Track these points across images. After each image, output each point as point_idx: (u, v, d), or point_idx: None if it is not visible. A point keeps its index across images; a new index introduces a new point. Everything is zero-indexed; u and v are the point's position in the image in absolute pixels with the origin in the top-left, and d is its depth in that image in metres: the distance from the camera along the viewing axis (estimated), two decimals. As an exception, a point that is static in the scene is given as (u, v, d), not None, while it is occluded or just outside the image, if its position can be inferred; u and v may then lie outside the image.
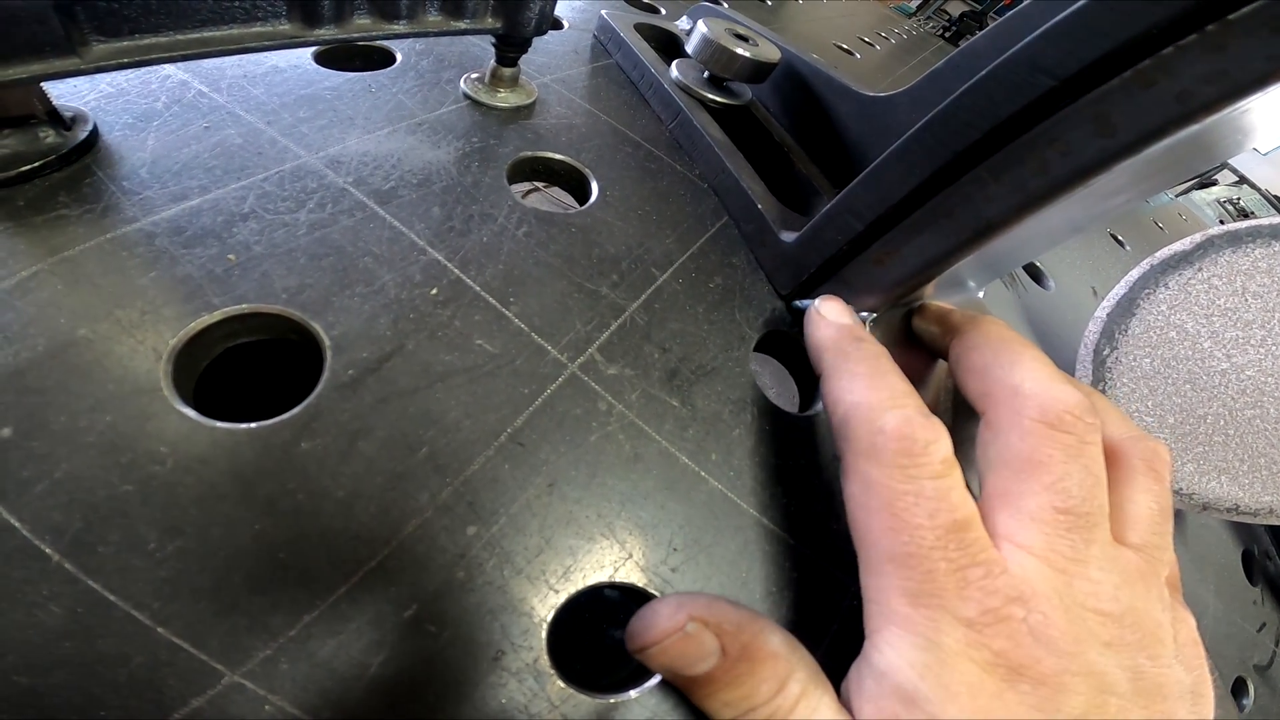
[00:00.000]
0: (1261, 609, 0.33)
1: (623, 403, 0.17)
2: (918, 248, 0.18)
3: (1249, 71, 0.12)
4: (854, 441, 0.15)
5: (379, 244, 0.17)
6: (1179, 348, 0.26)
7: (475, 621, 0.13)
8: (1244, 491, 0.27)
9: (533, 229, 0.20)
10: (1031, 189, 0.16)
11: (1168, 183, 0.19)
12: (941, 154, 0.17)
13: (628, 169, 0.24)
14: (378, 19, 0.18)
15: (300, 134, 0.19)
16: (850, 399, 0.16)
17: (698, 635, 0.13)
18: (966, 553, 0.13)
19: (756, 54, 0.26)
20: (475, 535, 0.14)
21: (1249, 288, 0.26)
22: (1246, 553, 0.33)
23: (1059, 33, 0.14)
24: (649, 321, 0.19)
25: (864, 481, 0.14)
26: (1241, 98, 0.12)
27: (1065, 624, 0.13)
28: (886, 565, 0.14)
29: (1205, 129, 0.14)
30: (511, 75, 0.23)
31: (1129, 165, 0.15)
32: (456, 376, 0.16)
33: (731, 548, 0.17)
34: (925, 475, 0.14)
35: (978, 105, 0.16)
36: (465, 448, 0.15)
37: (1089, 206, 0.18)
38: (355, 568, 0.13)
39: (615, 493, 0.16)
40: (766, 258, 0.22)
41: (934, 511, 0.13)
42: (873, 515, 0.14)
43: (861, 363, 0.17)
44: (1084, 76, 0.14)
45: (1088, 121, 0.14)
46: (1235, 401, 0.26)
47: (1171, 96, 0.13)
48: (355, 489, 0.14)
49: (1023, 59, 0.15)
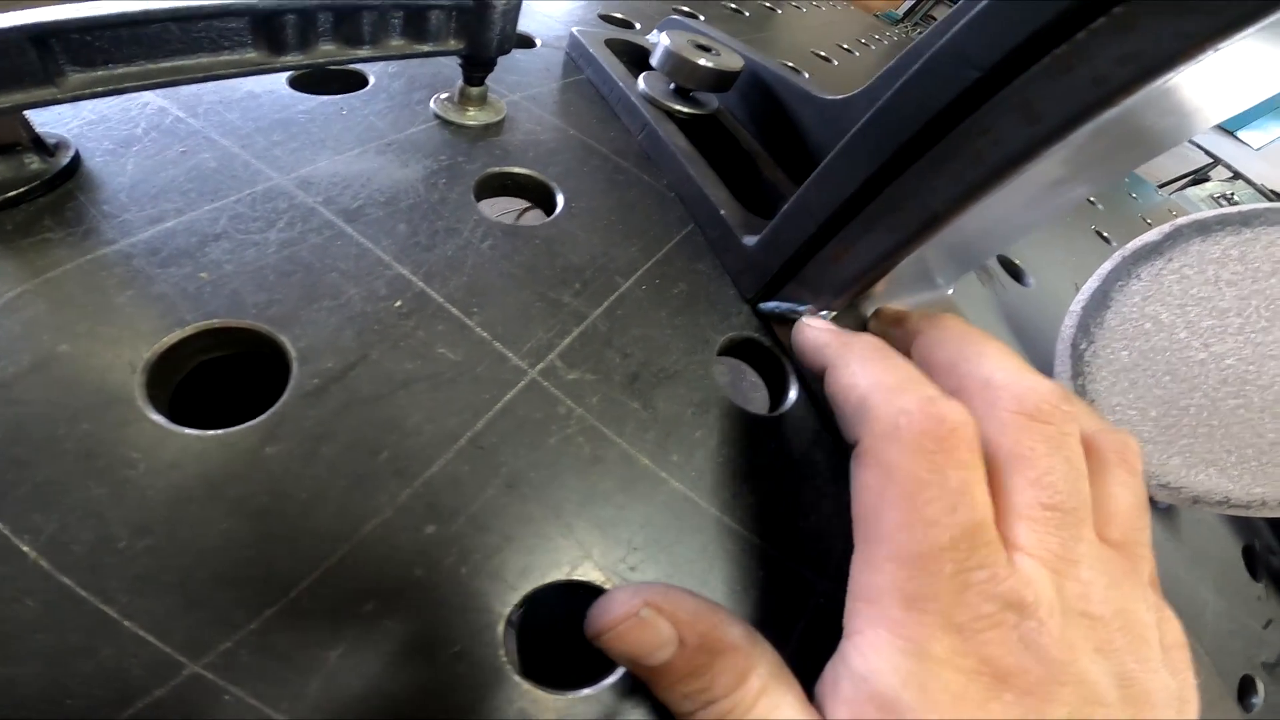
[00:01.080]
0: (1267, 604, 0.33)
1: (583, 406, 0.18)
2: (870, 243, 0.19)
3: (1160, 50, 0.12)
4: (875, 423, 0.14)
5: (346, 260, 0.18)
6: (1155, 339, 0.27)
7: (434, 617, 0.14)
8: (1234, 484, 0.28)
9: (497, 242, 0.21)
10: (969, 179, 0.16)
11: (1117, 171, 0.20)
12: (884, 149, 0.18)
13: (594, 181, 0.25)
14: (342, 45, 0.20)
15: (273, 157, 0.20)
16: (868, 380, 0.15)
17: (652, 621, 0.13)
18: (976, 555, 0.13)
19: (719, 63, 0.27)
20: (434, 534, 0.15)
21: (1222, 276, 0.26)
22: (1248, 547, 0.33)
23: (980, 23, 0.15)
24: (611, 328, 0.20)
25: (884, 468, 0.14)
26: (1156, 77, 0.13)
27: (1058, 631, 0.13)
28: (888, 564, 0.13)
29: (1136, 113, 0.14)
30: (479, 94, 0.25)
31: (1067, 153, 0.15)
32: (418, 384, 0.17)
33: (693, 546, 0.17)
34: (951, 465, 0.13)
35: (913, 99, 0.17)
36: (425, 451, 0.16)
37: (1039, 197, 0.19)
38: (315, 565, 0.14)
39: (574, 493, 0.17)
40: (731, 262, 0.24)
41: (955, 507, 0.13)
42: (888, 507, 0.13)
43: (871, 349, 0.17)
44: (1006, 65, 0.14)
45: (1014, 110, 0.15)
46: (1217, 391, 0.27)
47: (1088, 80, 0.13)
48: (317, 490, 0.15)
49: (950, 51, 0.16)
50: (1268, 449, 0.27)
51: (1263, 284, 0.26)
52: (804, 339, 0.19)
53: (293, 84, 0.24)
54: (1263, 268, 0.26)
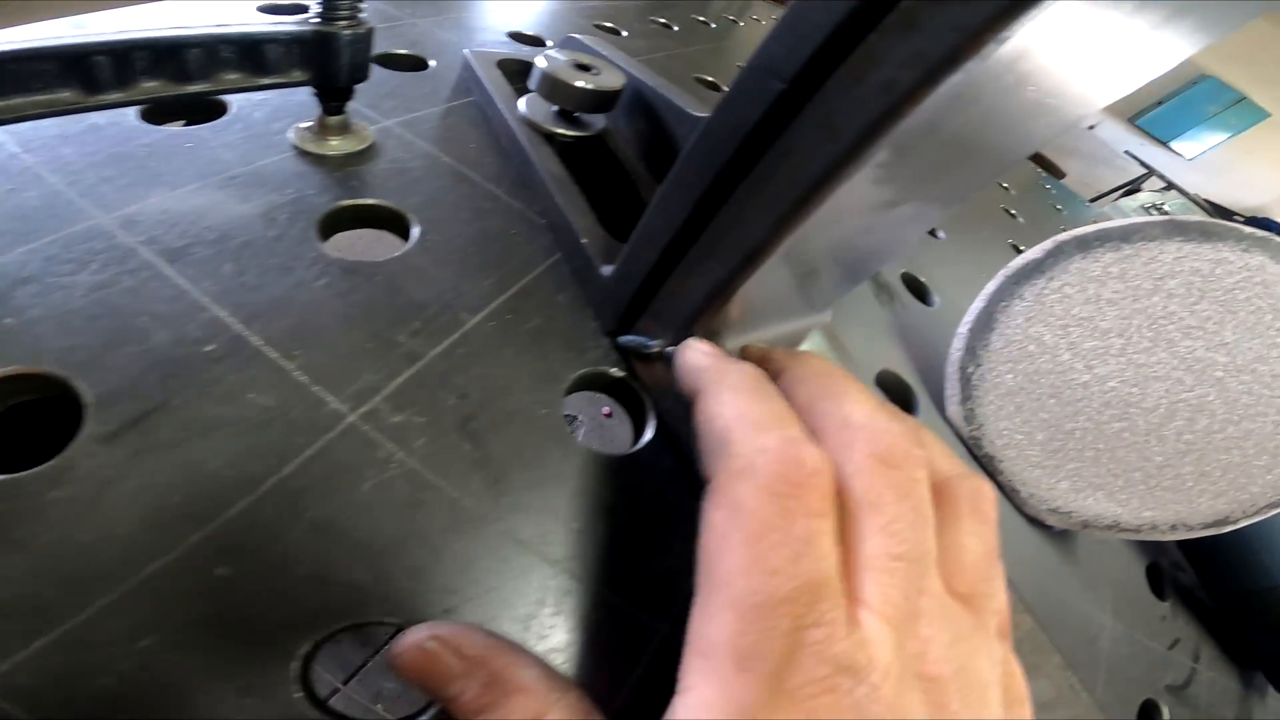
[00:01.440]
0: (1173, 624, 0.33)
1: (405, 450, 0.18)
2: (705, 275, 0.19)
3: (939, 45, 0.12)
4: (732, 459, 0.14)
5: (159, 303, 0.18)
6: (1039, 361, 0.27)
7: (220, 655, 0.14)
8: (1122, 507, 0.28)
9: (333, 280, 0.21)
10: (781, 206, 0.16)
11: (958, 189, 0.20)
12: (707, 173, 0.17)
13: (458, 210, 0.25)
14: (167, 81, 0.20)
15: (100, 194, 0.20)
16: (733, 412, 0.15)
17: (436, 653, 0.14)
18: (814, 610, 0.12)
19: (597, 83, 0.27)
20: (225, 575, 0.15)
21: (1103, 295, 0.26)
22: (1153, 566, 0.34)
23: (783, 30, 0.14)
24: (448, 367, 0.20)
25: (733, 507, 0.13)
26: (939, 79, 0.12)
27: (891, 696, 0.12)
28: (725, 613, 0.13)
29: (948, 123, 0.14)
30: (340, 123, 0.25)
31: (880, 172, 0.15)
32: (221, 430, 0.17)
33: (521, 590, 0.17)
34: (801, 511, 0.13)
35: (730, 117, 0.16)
36: (223, 495, 0.16)
37: (877, 221, 0.19)
38: (91, 601, 0.14)
39: (387, 537, 0.17)
40: (592, 293, 0.23)
41: (798, 556, 0.13)
42: (729, 549, 0.13)
43: (744, 379, 0.16)
44: (808, 75, 0.14)
45: (817, 126, 0.14)
46: (1101, 415, 0.27)
47: (878, 87, 0.13)
48: (102, 533, 0.15)
49: (758, 63, 0.15)
50: (1155, 472, 0.27)
51: (1144, 303, 0.26)
52: (683, 361, 0.18)
53: (145, 115, 0.24)
54: (1143, 285, 0.26)
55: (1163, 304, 0.25)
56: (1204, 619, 0.34)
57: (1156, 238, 0.26)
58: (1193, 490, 0.27)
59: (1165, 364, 0.25)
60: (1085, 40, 0.13)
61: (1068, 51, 0.14)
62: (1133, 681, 0.30)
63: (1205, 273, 0.24)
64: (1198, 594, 0.35)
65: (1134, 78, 0.16)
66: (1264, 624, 0.32)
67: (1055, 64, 0.14)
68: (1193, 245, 0.24)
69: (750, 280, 0.18)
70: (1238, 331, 0.25)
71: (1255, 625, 0.32)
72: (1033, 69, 0.14)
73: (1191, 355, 0.25)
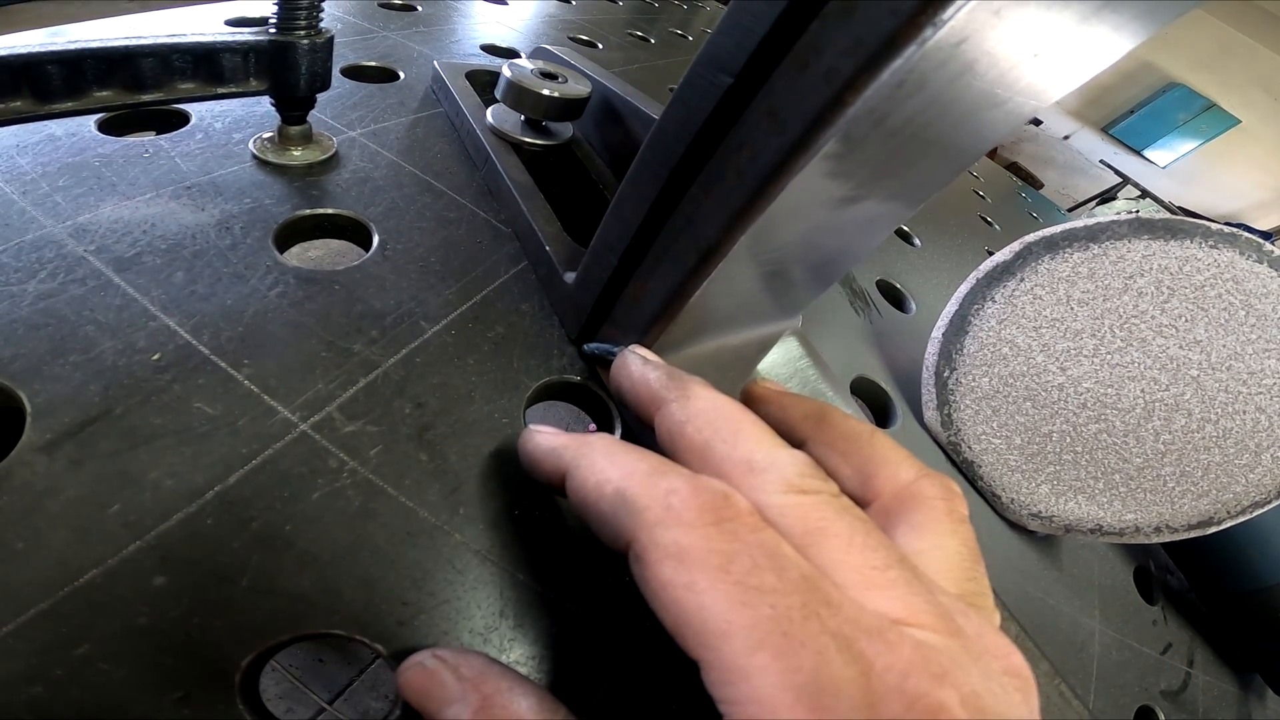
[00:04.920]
0: (1165, 629, 0.33)
1: (357, 459, 0.18)
2: (661, 278, 0.19)
3: (877, 31, 0.12)
4: (644, 513, 0.13)
5: (105, 312, 0.18)
6: (1014, 364, 0.27)
7: (158, 664, 0.14)
8: (1104, 510, 0.28)
9: (289, 289, 0.21)
10: (733, 203, 0.16)
11: (920, 185, 0.20)
12: (661, 173, 0.17)
13: (421, 220, 0.25)
14: (120, 91, 0.20)
15: (53, 203, 0.20)
16: (618, 472, 0.14)
17: (435, 672, 0.14)
18: (841, 614, 0.11)
19: (563, 91, 0.27)
20: (163, 585, 0.15)
21: (1073, 295, 0.26)
22: (1141, 569, 0.33)
23: (728, 24, 0.14)
24: (405, 377, 0.20)
25: (675, 555, 0.12)
26: (880, 66, 0.12)
27: (989, 698, 0.11)
28: (757, 656, 0.11)
29: (899, 114, 0.14)
30: (301, 133, 0.25)
31: (831, 165, 0.15)
32: (164, 439, 0.17)
33: (479, 602, 0.17)
34: (746, 529, 0.12)
35: (678, 116, 0.16)
36: (163, 505, 0.16)
37: (835, 220, 0.19)
38: (24, 609, 0.14)
39: (336, 547, 0.17)
40: (556, 301, 0.24)
41: (781, 566, 0.12)
42: (706, 591, 0.11)
43: (612, 443, 0.16)
44: (754, 67, 0.14)
45: (764, 119, 0.14)
46: (1078, 416, 0.27)
47: (821, 77, 0.13)
48: (36, 542, 0.15)
49: (706, 57, 0.15)
50: (1135, 474, 0.27)
51: (1115, 302, 0.26)
52: (533, 446, 0.17)
53: (102, 125, 0.24)
54: (1113, 284, 0.26)
55: (1133, 303, 0.25)
56: (1196, 622, 0.34)
57: (1123, 236, 0.26)
58: (1175, 491, 0.27)
59: (1139, 363, 0.26)
60: (1022, 28, 0.14)
61: (1007, 40, 0.14)
62: (1126, 688, 0.29)
63: (1174, 270, 0.25)
64: (1189, 597, 0.34)
65: (1077, 71, 0.16)
66: (1259, 626, 0.32)
67: (997, 53, 0.14)
68: (1160, 243, 0.25)
69: (712, 283, 0.19)
70: (1210, 329, 0.25)
71: (1250, 627, 0.32)
72: (975, 58, 0.14)
73: (1165, 354, 0.25)
